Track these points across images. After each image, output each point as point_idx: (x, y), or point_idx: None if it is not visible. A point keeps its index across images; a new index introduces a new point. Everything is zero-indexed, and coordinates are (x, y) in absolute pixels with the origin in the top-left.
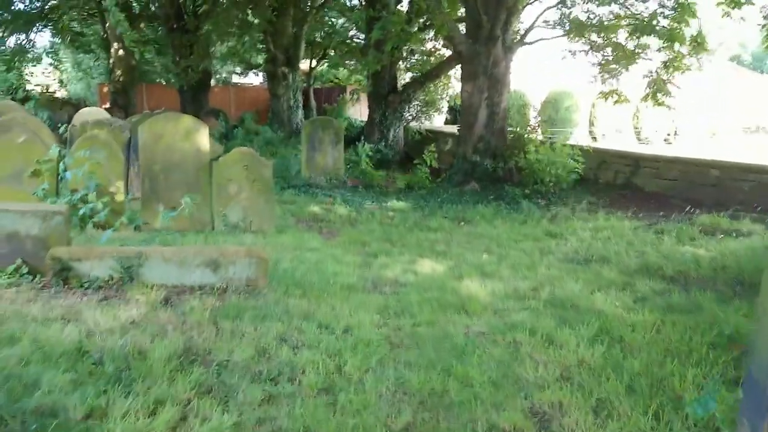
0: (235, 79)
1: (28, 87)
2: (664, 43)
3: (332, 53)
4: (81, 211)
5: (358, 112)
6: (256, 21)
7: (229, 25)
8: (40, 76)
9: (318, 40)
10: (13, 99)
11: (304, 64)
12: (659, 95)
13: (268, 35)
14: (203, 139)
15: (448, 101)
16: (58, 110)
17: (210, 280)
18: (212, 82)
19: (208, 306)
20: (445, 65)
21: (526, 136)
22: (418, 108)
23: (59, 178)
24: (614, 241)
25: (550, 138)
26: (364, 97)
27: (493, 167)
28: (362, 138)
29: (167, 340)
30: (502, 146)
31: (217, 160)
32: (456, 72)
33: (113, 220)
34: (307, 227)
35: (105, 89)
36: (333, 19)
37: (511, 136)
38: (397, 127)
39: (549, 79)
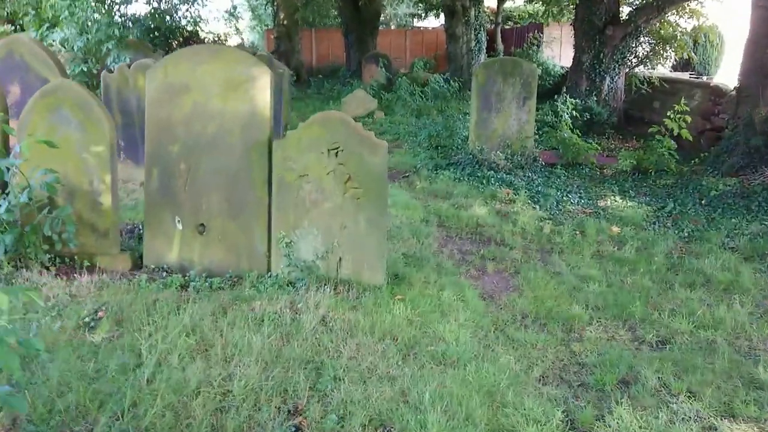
0: (417, 23)
1: (201, 35)
2: None
3: None
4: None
5: (557, 55)
6: None
7: None
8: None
9: None
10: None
11: (491, 0)
12: None
13: None
14: (262, 95)
15: (692, 36)
16: (151, 54)
17: None
18: (392, 26)
19: None
20: None
21: None
22: (651, 46)
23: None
24: None
25: None
26: (566, 36)
27: None
28: (563, 91)
29: None
30: None
31: (282, 138)
32: None
33: (94, 242)
34: (455, 261)
35: (272, 36)
36: None
37: None
38: (616, 74)
39: None
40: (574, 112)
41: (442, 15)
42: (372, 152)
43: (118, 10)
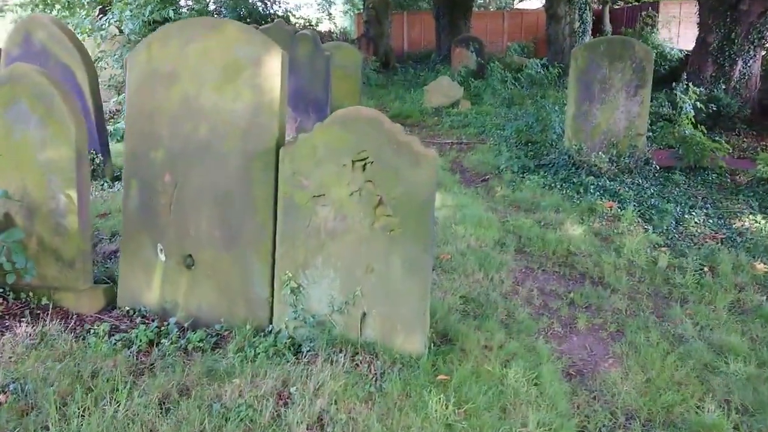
0: (517, 5)
1: (292, 20)
2: None
3: None
4: None
5: (675, 36)
6: None
7: None
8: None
9: None
10: (154, 21)
11: None
12: None
13: None
14: (270, 85)
15: None
16: None
17: None
18: (492, 8)
19: None
20: None
21: None
22: None
23: None
24: None
25: None
26: (686, 15)
27: None
28: (683, 78)
29: None
30: None
31: (291, 144)
32: None
33: (57, 274)
34: (534, 310)
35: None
36: None
37: None
38: (751, 57)
39: None
40: (697, 103)
41: None
42: (413, 165)
43: None
